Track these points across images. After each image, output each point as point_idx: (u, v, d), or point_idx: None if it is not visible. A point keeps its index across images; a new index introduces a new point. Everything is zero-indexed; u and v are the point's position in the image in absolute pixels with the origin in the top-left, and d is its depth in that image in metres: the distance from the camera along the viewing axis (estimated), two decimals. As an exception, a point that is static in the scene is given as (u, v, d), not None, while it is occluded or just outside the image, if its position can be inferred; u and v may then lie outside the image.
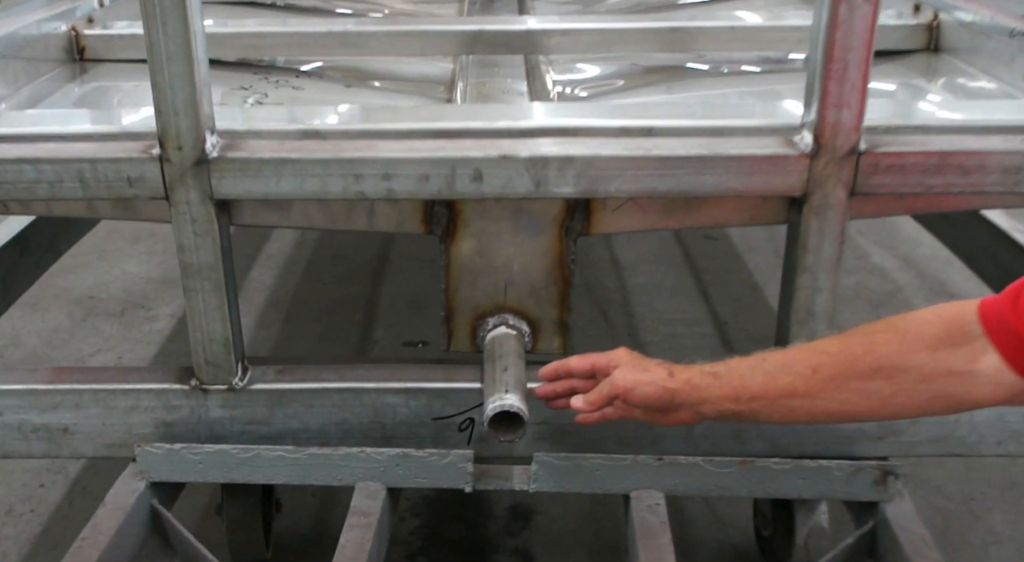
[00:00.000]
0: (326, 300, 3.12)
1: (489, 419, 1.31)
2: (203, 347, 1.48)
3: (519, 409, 1.30)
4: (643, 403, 1.24)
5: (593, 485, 1.48)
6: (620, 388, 1.24)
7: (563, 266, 1.53)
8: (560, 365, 1.35)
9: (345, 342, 2.86)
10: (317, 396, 1.52)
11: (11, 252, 2.06)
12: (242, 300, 3.13)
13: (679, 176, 1.36)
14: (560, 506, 2.11)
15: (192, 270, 1.42)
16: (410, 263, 3.38)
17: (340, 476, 1.48)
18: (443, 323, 1.57)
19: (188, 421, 1.53)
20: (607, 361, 1.30)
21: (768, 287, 3.19)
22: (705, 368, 1.23)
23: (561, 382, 1.35)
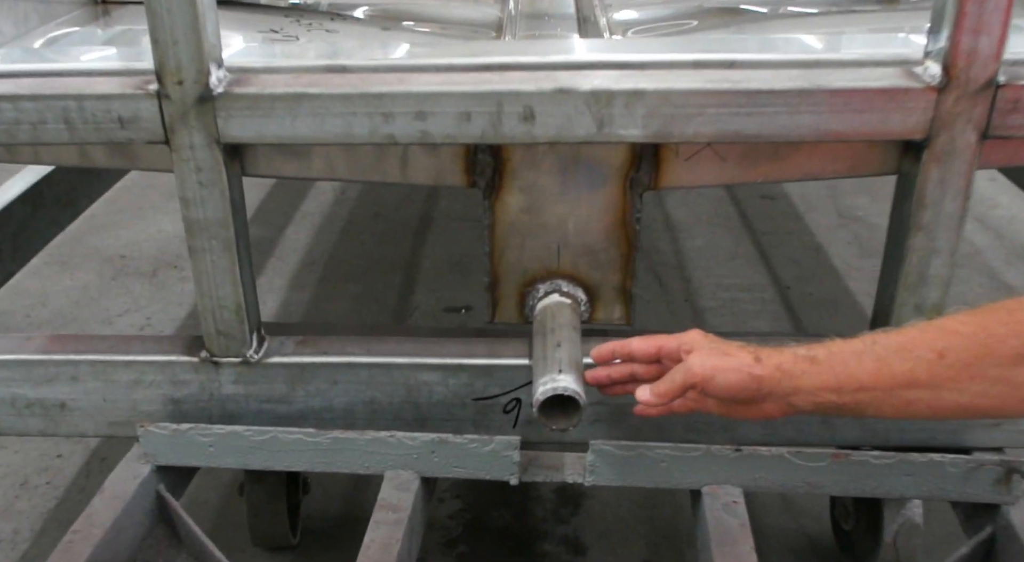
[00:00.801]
0: (364, 261, 2.90)
1: (540, 404, 1.06)
2: (212, 315, 1.25)
3: (575, 393, 1.06)
4: (724, 393, 1.00)
5: (658, 478, 1.24)
6: (697, 376, 1.00)
7: (627, 225, 1.27)
8: (619, 346, 1.10)
9: (382, 306, 2.63)
10: (342, 371, 1.29)
11: (23, 207, 1.85)
12: (276, 260, 2.97)
13: (770, 116, 1.10)
14: (613, 490, 1.87)
15: (198, 227, 1.19)
16: (455, 223, 3.17)
17: (367, 463, 1.25)
18: (487, 290, 1.33)
19: (198, 398, 1.31)
20: (677, 344, 1.05)
21: (832, 248, 2.94)
22: (799, 351, 0.99)
23: (619, 366, 1.11)
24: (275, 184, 3.44)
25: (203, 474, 1.84)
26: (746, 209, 3.26)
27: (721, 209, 3.26)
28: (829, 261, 2.84)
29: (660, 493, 1.83)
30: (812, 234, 3.07)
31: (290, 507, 1.60)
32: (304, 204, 3.31)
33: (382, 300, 2.67)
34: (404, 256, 2.93)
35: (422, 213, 3.25)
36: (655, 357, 1.07)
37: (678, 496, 1.84)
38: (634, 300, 1.33)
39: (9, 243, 1.82)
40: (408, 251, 2.96)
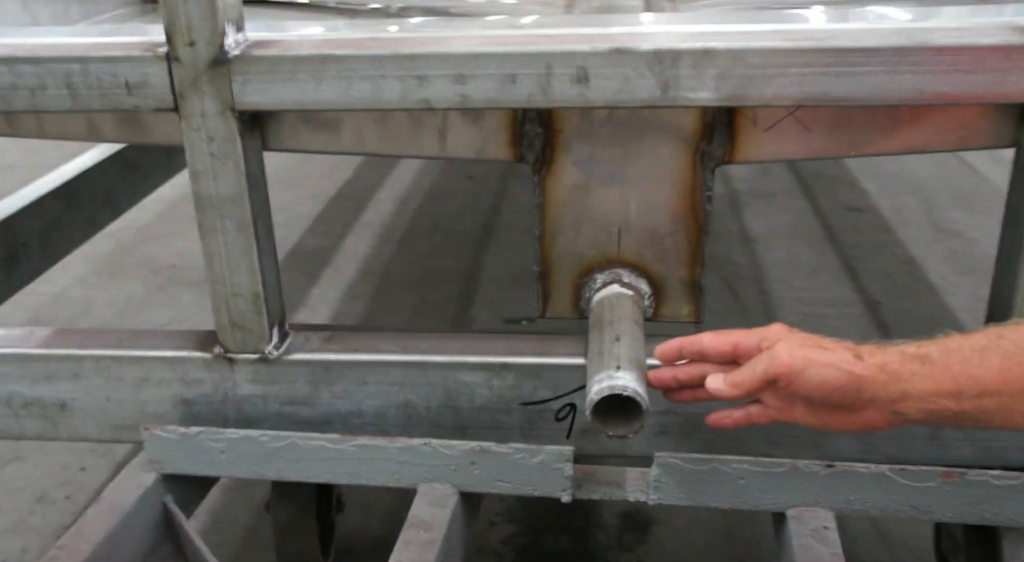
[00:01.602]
0: (422, 272, 3.07)
1: (594, 405, 1.07)
2: (226, 305, 1.28)
3: (635, 393, 1.06)
4: (816, 393, 0.98)
5: (735, 498, 1.23)
6: (784, 366, 0.98)
7: (696, 205, 1.27)
8: (687, 343, 1.10)
9: (440, 317, 2.77)
10: (373, 371, 1.31)
11: (56, 202, 1.94)
12: (332, 270, 3.15)
13: (863, 76, 1.09)
14: (685, 515, 1.87)
15: (209, 203, 1.22)
16: (517, 234, 3.33)
17: (398, 475, 1.27)
18: (537, 281, 1.34)
19: (211, 399, 1.34)
20: (757, 340, 1.05)
21: (927, 263, 2.98)
22: (908, 349, 0.96)
23: (687, 367, 1.11)
24: (334, 196, 3.69)
25: (233, 489, 1.90)
26: (830, 221, 3.28)
27: (803, 221, 3.30)
28: (924, 276, 2.87)
29: (738, 518, 1.83)
30: (904, 248, 3.12)
31: (322, 526, 1.63)
32: (364, 214, 3.53)
33: (440, 312, 2.81)
34: (464, 267, 3.08)
35: (484, 223, 3.41)
36: (730, 356, 1.07)
37: (760, 525, 1.83)
38: (704, 293, 1.33)
39: (38, 239, 1.90)
40: (469, 262, 3.12)
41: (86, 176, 2.04)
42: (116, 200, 2.16)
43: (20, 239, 1.84)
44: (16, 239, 1.83)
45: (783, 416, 1.07)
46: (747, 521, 1.84)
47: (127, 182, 2.20)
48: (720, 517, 1.86)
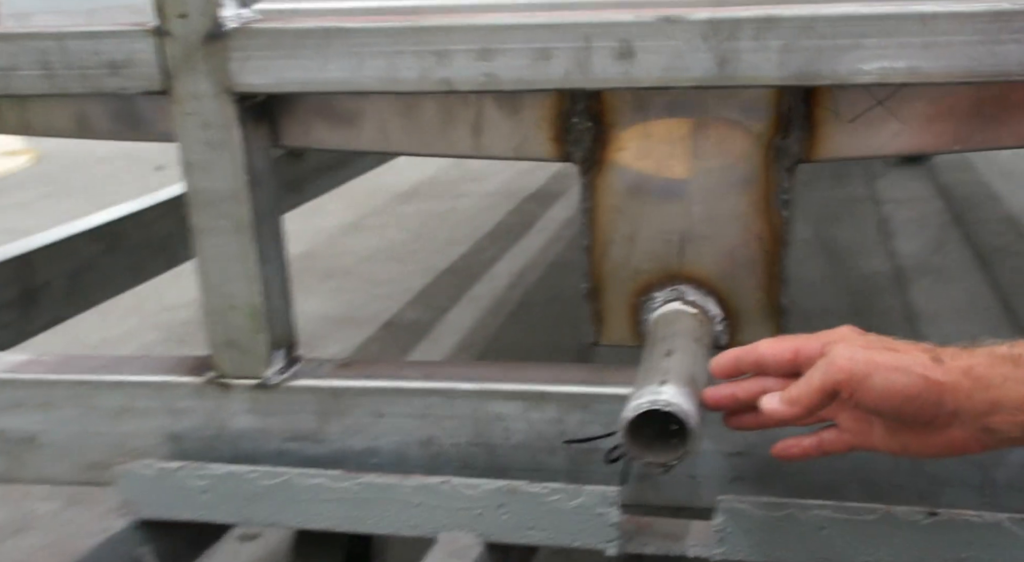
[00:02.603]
0: (532, 344, 3.31)
1: (628, 423, 1.15)
2: (220, 319, 1.40)
3: (678, 409, 1.13)
4: (885, 404, 1.03)
5: (817, 552, 1.29)
6: (844, 372, 1.04)
7: (771, 210, 1.36)
8: (744, 352, 1.16)
9: None
10: (391, 400, 1.41)
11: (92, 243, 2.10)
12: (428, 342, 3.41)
13: (957, 47, 1.17)
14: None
15: (202, 200, 1.35)
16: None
17: (413, 520, 1.36)
18: (588, 301, 1.44)
19: (203, 433, 1.45)
20: (820, 344, 1.11)
21: None
22: (998, 350, 1.00)
23: (747, 383, 1.17)
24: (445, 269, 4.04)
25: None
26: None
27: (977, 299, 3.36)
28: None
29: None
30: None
31: None
32: (474, 287, 3.83)
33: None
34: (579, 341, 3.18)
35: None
36: (791, 365, 1.13)
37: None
38: (787, 316, 1.40)
39: (65, 281, 2.04)
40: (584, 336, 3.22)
41: (136, 219, 2.20)
42: (172, 248, 2.31)
43: (41, 277, 1.99)
44: (36, 277, 1.97)
45: (861, 441, 1.13)
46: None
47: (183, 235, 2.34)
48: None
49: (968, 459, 1.35)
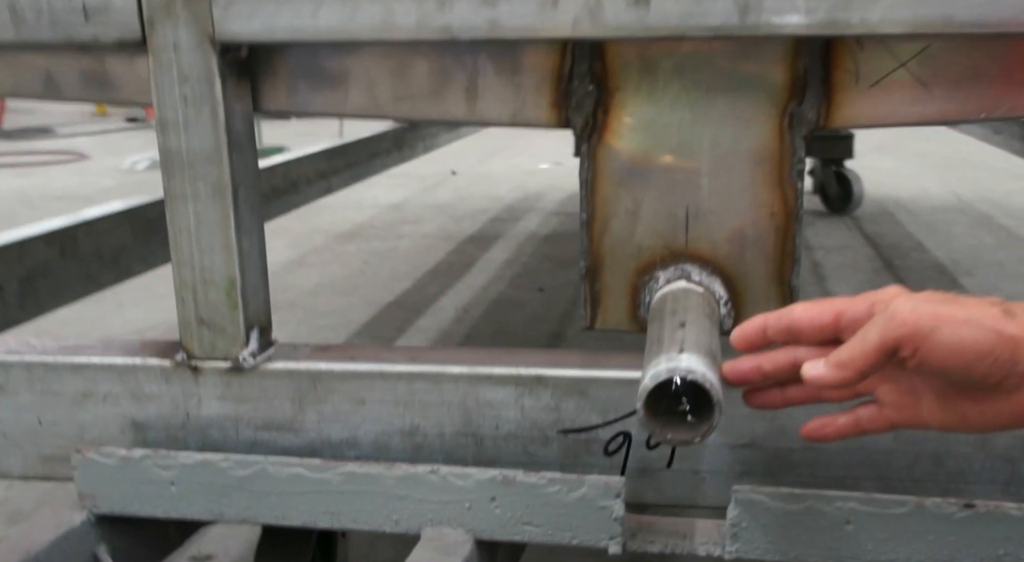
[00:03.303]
0: None
1: (646, 395, 0.87)
2: (193, 295, 1.11)
3: (702, 378, 0.86)
4: (953, 363, 0.78)
5: (841, 548, 1.01)
6: (908, 325, 0.78)
7: (784, 182, 1.10)
8: (774, 318, 0.89)
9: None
10: (373, 385, 1.12)
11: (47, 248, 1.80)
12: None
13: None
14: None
15: (177, 162, 1.07)
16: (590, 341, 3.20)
17: (396, 515, 1.06)
18: (585, 282, 1.16)
19: (169, 422, 1.15)
20: (867, 305, 0.85)
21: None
22: None
23: (774, 354, 0.91)
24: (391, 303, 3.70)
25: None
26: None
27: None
28: None
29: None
30: None
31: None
32: (420, 320, 3.50)
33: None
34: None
35: (553, 332, 3.34)
36: (831, 332, 0.87)
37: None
38: (796, 297, 1.14)
39: (17, 285, 1.74)
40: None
41: (90, 227, 1.91)
42: (125, 262, 2.01)
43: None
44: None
45: (906, 417, 0.87)
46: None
47: (142, 243, 2.07)
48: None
49: (995, 452, 1.08)
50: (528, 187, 6.17)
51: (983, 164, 6.67)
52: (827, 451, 1.10)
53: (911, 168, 6.56)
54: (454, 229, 4.93)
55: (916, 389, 0.86)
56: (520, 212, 5.35)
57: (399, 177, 6.09)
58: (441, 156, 6.61)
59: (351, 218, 5.23)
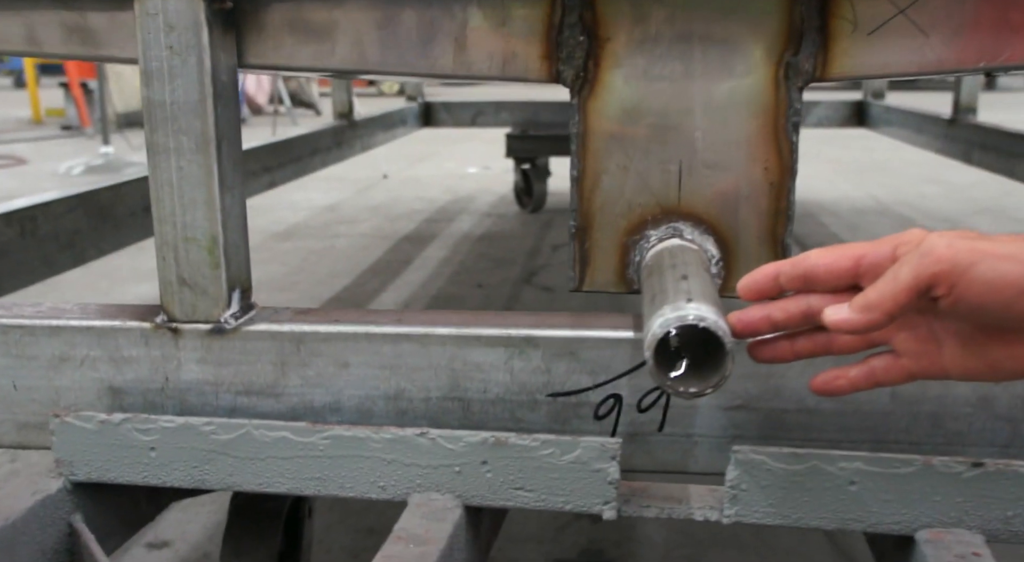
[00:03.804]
0: None
1: (656, 344, 0.72)
2: (174, 254, 0.96)
3: (714, 324, 0.72)
4: (995, 299, 0.64)
5: (844, 512, 0.87)
6: (944, 261, 0.65)
7: (779, 135, 0.96)
8: (788, 265, 0.76)
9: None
10: (358, 347, 0.97)
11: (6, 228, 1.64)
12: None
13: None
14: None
15: (161, 114, 0.92)
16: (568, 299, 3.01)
17: (383, 480, 0.91)
18: (574, 241, 1.01)
19: (148, 386, 1.00)
20: (891, 247, 0.71)
21: None
22: None
23: (786, 302, 0.77)
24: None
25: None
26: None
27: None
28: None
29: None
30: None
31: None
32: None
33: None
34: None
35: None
36: (850, 278, 0.73)
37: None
38: (788, 256, 0.99)
39: None
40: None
41: (46, 209, 1.75)
42: (80, 245, 1.85)
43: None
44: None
45: (925, 366, 0.74)
46: None
47: (95, 229, 1.90)
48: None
49: (996, 412, 0.95)
50: (459, 190, 5.95)
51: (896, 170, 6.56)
52: (822, 413, 0.96)
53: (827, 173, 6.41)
54: (389, 229, 4.70)
55: (937, 335, 0.72)
56: (453, 213, 5.14)
57: (332, 181, 5.90)
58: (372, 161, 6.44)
59: (287, 219, 4.98)
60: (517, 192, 5.09)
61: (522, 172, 4.93)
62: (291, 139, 2.90)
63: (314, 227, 4.76)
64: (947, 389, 0.94)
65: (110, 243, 1.99)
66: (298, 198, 5.49)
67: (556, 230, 4.52)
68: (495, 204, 5.42)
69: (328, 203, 5.46)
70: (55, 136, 9.32)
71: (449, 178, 6.48)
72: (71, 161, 6.88)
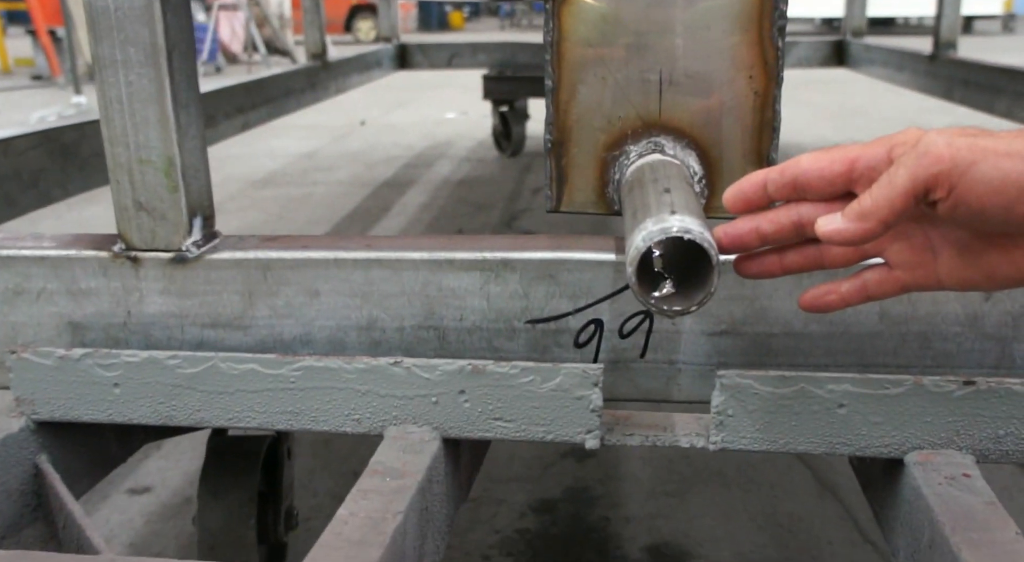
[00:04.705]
0: None
1: (639, 259, 0.68)
2: (129, 176, 0.91)
3: (700, 236, 0.67)
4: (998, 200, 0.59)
5: (832, 435, 0.83)
6: (943, 161, 0.60)
7: (765, 41, 0.91)
8: (777, 172, 0.71)
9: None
10: (328, 274, 0.93)
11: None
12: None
13: None
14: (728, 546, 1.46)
15: (105, 23, 0.87)
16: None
17: (358, 413, 0.87)
18: (550, 158, 0.96)
19: (110, 319, 0.95)
20: (886, 148, 0.66)
21: None
22: None
23: (775, 213, 0.72)
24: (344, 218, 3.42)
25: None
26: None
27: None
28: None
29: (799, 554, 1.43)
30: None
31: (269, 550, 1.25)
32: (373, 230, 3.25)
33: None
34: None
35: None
36: (843, 184, 0.68)
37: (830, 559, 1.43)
38: (776, 173, 0.95)
39: None
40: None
41: (6, 146, 1.67)
42: (45, 185, 1.78)
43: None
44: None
45: (920, 278, 0.70)
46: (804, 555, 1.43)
47: (60, 169, 1.83)
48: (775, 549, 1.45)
49: (985, 331, 0.91)
50: (437, 136, 5.87)
51: (872, 113, 6.50)
52: (810, 336, 0.92)
53: (806, 117, 6.35)
54: (368, 176, 4.63)
55: (933, 245, 0.68)
56: (431, 159, 5.06)
57: (309, 128, 5.80)
58: (350, 108, 6.32)
59: (265, 167, 4.89)
60: (496, 136, 5.03)
61: (500, 115, 4.86)
62: (264, 78, 2.82)
63: (292, 174, 4.68)
64: (937, 307, 0.91)
65: (76, 184, 1.92)
66: (276, 145, 5.40)
67: (535, 173, 4.46)
68: (474, 149, 5.35)
69: (306, 150, 5.38)
70: (25, 86, 9.13)
71: (427, 124, 6.40)
72: (42, 112, 6.74)
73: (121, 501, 1.64)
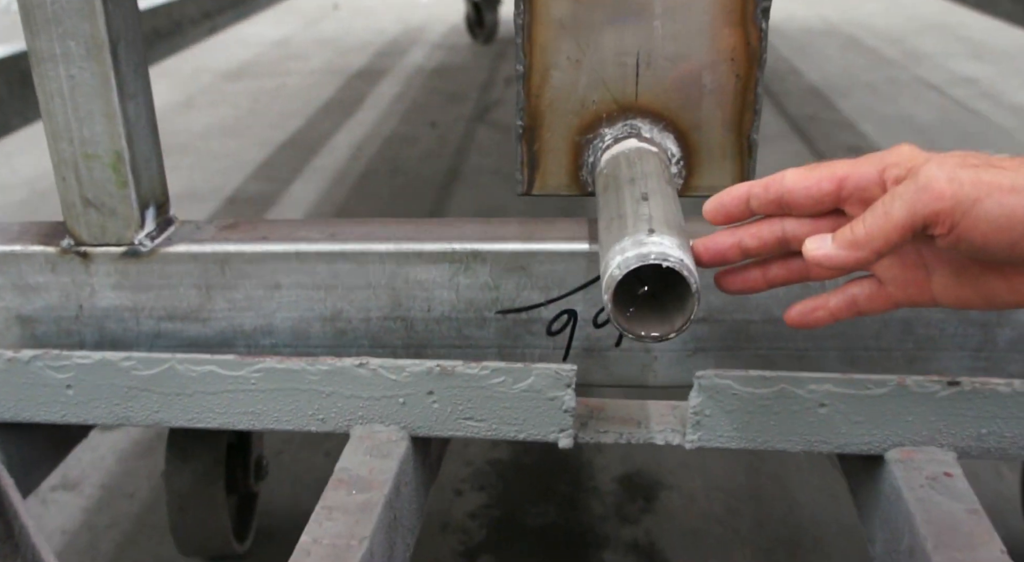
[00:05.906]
0: (379, 214, 2.65)
1: (615, 287, 0.64)
2: (75, 172, 0.85)
3: (679, 263, 0.63)
4: (1001, 239, 0.56)
5: (811, 434, 0.81)
6: (945, 198, 0.56)
7: (747, 22, 0.85)
8: (760, 186, 0.67)
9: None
10: (290, 266, 0.88)
11: None
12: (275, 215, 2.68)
13: None
14: (700, 475, 1.46)
15: (41, 16, 0.80)
16: (485, 177, 2.93)
17: (322, 413, 0.84)
18: (521, 143, 0.91)
19: (60, 315, 0.90)
20: (877, 169, 0.62)
21: None
22: None
23: (757, 226, 0.68)
24: (284, 142, 3.32)
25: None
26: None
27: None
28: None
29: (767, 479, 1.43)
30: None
31: (238, 500, 1.22)
32: (315, 160, 3.11)
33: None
34: (426, 210, 2.70)
35: (448, 168, 3.02)
36: (831, 201, 0.64)
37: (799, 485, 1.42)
38: (755, 153, 0.90)
39: None
40: (431, 207, 2.72)
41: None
42: (3, 114, 1.69)
43: None
44: None
45: (912, 295, 0.66)
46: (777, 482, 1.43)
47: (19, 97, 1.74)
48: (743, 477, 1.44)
49: (968, 317, 0.89)
50: (410, 21, 5.69)
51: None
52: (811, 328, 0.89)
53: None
54: (341, 63, 4.49)
55: (927, 263, 0.65)
56: (405, 45, 4.91)
57: (282, 13, 5.60)
58: None
59: (237, 56, 4.73)
60: (469, 24, 4.89)
61: (472, 3, 4.72)
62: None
63: (264, 64, 4.55)
64: (920, 293, 0.87)
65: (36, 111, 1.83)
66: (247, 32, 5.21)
67: (508, 62, 4.36)
68: (446, 34, 5.22)
69: (278, 37, 5.21)
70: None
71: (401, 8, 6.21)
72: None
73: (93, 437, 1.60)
